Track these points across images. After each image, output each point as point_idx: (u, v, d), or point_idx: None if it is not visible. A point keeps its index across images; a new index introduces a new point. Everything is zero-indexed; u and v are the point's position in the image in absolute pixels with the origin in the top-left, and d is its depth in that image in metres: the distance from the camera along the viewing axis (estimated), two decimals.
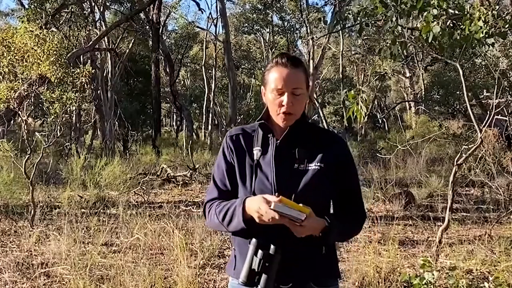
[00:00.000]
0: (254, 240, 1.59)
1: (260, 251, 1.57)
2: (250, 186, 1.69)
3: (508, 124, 9.04)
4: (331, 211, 1.76)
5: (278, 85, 1.68)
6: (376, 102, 28.58)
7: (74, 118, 18.66)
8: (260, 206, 1.55)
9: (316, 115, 18.36)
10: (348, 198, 1.76)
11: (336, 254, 1.81)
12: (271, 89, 1.70)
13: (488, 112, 5.16)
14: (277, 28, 27.07)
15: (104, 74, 19.53)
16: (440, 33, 4.03)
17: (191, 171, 10.43)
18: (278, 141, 1.73)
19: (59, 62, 8.94)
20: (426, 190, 8.30)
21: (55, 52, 8.73)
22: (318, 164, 1.68)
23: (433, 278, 3.33)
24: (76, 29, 17.65)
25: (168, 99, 27.61)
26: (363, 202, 1.84)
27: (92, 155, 13.59)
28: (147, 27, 19.87)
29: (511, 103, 8.25)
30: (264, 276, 1.55)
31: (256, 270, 1.56)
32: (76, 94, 9.23)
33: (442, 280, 3.90)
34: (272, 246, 1.57)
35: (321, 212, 1.64)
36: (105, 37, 17.41)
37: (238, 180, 1.74)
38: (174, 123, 35.28)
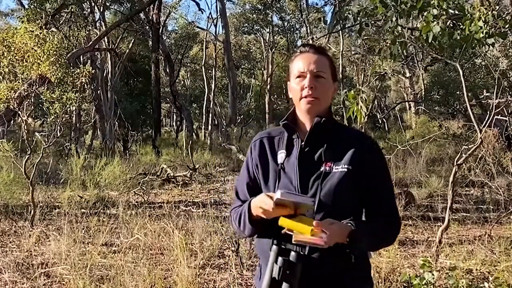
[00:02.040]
0: (275, 247, 1.50)
1: (280, 258, 1.47)
2: (273, 191, 1.61)
3: (508, 124, 9.03)
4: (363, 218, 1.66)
5: (300, 69, 1.65)
6: (376, 102, 28.49)
7: (74, 118, 18.64)
8: (264, 200, 1.51)
9: None
10: (378, 202, 1.64)
11: (369, 261, 1.69)
12: (294, 76, 1.67)
13: (488, 112, 5.16)
14: (277, 28, 27.06)
15: (104, 74, 19.54)
16: (440, 33, 4.03)
17: (191, 171, 10.43)
18: (303, 142, 1.65)
19: (59, 62, 8.96)
20: (426, 190, 8.30)
21: (55, 52, 8.75)
22: (346, 166, 1.59)
23: (433, 278, 3.33)
24: (76, 29, 17.66)
25: (168, 99, 27.62)
26: (397, 208, 1.69)
27: (92, 155, 13.60)
28: (147, 27, 19.88)
29: (511, 103, 8.24)
30: (285, 285, 1.45)
31: (277, 278, 1.45)
32: (76, 94, 9.24)
33: (442, 280, 3.90)
34: (292, 253, 1.48)
35: (348, 218, 1.55)
36: (105, 37, 17.42)
37: (261, 185, 1.68)
38: (174, 123, 35.26)
